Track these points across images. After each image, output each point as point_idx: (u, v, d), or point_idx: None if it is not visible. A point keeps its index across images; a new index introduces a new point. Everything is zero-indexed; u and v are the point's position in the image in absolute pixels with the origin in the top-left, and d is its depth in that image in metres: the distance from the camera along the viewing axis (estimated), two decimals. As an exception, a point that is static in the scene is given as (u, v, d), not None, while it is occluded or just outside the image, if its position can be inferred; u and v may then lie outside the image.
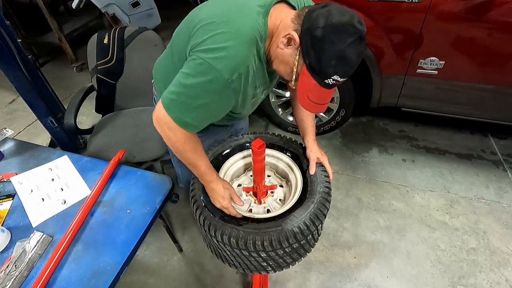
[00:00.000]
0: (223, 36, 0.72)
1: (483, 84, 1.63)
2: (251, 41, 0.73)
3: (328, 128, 2.22)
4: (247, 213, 0.94)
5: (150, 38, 1.76)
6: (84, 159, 1.27)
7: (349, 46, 0.65)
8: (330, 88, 0.74)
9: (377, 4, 1.52)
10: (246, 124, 1.44)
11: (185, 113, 0.77)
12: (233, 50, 0.71)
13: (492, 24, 1.42)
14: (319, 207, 0.89)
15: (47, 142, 2.38)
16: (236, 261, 0.93)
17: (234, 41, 0.72)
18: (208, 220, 0.88)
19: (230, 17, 0.75)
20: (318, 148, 1.06)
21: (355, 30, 0.65)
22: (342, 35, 0.65)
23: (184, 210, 1.88)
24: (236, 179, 1.15)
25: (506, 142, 2.16)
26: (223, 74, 0.71)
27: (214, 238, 0.87)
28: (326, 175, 1.00)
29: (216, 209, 0.91)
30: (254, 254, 0.85)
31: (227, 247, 0.87)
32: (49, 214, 1.07)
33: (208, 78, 0.72)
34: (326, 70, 0.69)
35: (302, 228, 0.84)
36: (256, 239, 0.82)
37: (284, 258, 0.90)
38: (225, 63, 0.71)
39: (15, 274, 0.89)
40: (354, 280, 1.52)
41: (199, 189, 0.96)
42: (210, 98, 0.76)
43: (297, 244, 0.87)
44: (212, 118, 0.84)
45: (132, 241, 0.98)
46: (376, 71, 1.76)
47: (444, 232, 1.68)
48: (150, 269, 1.62)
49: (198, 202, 0.93)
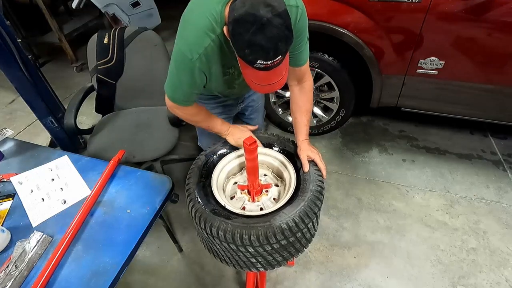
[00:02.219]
0: (185, 24, 0.90)
1: (483, 84, 1.63)
2: (206, 26, 0.85)
3: (328, 128, 2.22)
4: (240, 210, 0.96)
5: (150, 38, 1.76)
6: (84, 159, 1.27)
7: (253, 34, 0.70)
8: (267, 70, 0.77)
9: (377, 4, 1.52)
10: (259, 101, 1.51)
11: (175, 92, 0.99)
12: (191, 34, 0.88)
13: (492, 24, 1.42)
14: (309, 205, 0.90)
15: (47, 142, 2.38)
16: (226, 256, 0.95)
17: (192, 27, 0.88)
18: (199, 212, 0.91)
19: (194, 8, 0.90)
20: (308, 146, 1.07)
21: (255, 19, 0.69)
22: (244, 26, 0.71)
23: (184, 210, 1.88)
24: (233, 177, 1.17)
25: (506, 142, 2.16)
26: (186, 54, 0.88)
27: (204, 230, 0.90)
28: (319, 174, 1.01)
29: (208, 202, 0.94)
30: (242, 248, 0.87)
31: (216, 240, 0.89)
32: (49, 214, 1.07)
33: (178, 60, 0.92)
34: (247, 58, 0.75)
35: (290, 224, 0.85)
36: (243, 233, 0.84)
37: (273, 255, 0.90)
38: (185, 46, 0.88)
39: (15, 274, 0.89)
40: (354, 280, 1.52)
41: (194, 183, 1.00)
42: (184, 76, 0.94)
43: (286, 241, 0.87)
44: (194, 92, 1.01)
45: (132, 241, 0.98)
46: (376, 71, 1.76)
47: (444, 232, 1.68)
48: (150, 269, 1.62)
49: (192, 195, 0.97)
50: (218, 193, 1.01)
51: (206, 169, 1.07)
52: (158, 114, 1.82)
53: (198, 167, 1.06)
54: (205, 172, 1.06)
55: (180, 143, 2.36)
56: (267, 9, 0.69)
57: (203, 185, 1.01)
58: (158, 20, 3.33)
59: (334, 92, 1.99)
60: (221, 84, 1.06)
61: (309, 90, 1.11)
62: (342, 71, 1.88)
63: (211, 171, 1.07)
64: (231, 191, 1.14)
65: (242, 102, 1.40)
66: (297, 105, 1.12)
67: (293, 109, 1.14)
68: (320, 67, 1.89)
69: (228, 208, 0.94)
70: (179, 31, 0.91)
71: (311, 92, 1.13)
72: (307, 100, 1.12)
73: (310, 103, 1.13)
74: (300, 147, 1.07)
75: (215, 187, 1.03)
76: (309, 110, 1.12)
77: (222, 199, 0.98)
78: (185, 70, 0.92)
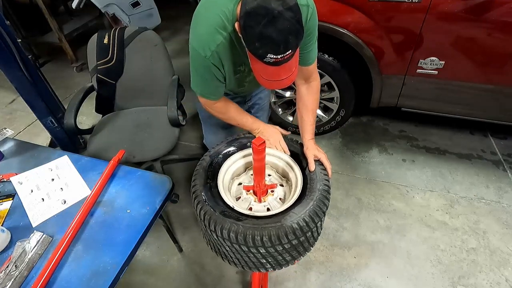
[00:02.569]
0: (197, 21, 0.92)
1: (483, 84, 1.63)
2: (217, 24, 0.87)
3: (328, 128, 2.22)
4: (247, 211, 0.95)
5: (150, 38, 1.76)
6: (84, 159, 1.27)
7: (264, 27, 0.71)
8: (277, 65, 0.78)
9: (377, 4, 1.52)
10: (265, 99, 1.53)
11: (202, 87, 1.04)
12: (203, 32, 0.90)
13: (492, 24, 1.42)
14: (318, 204, 0.90)
15: (47, 142, 2.37)
16: (236, 258, 0.94)
17: (204, 24, 0.90)
18: (208, 214, 0.89)
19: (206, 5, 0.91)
20: (315, 145, 1.08)
21: (267, 11, 0.70)
22: (255, 19, 0.72)
23: (184, 210, 1.88)
24: (237, 178, 1.16)
25: (506, 142, 2.16)
26: (200, 52, 0.91)
27: (214, 233, 0.88)
28: (325, 173, 1.01)
29: (217, 204, 0.93)
30: (253, 249, 0.86)
31: (227, 242, 0.87)
32: (49, 214, 1.07)
33: (194, 57, 0.95)
34: (257, 52, 0.76)
35: (301, 224, 0.85)
36: (255, 234, 0.83)
37: (283, 255, 0.90)
38: (198, 44, 0.91)
39: (15, 274, 0.89)
40: (354, 280, 1.52)
41: (200, 185, 0.98)
42: (204, 72, 0.97)
43: (296, 241, 0.87)
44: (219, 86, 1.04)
45: (132, 241, 0.97)
46: (376, 71, 1.76)
47: (444, 232, 1.68)
48: (150, 269, 1.62)
49: (199, 197, 0.95)
50: (225, 194, 1.00)
51: (212, 170, 1.06)
52: (158, 114, 1.82)
53: (204, 168, 1.05)
54: (210, 173, 1.04)
55: (180, 143, 2.36)
56: (279, 3, 0.71)
57: (209, 187, 1.00)
58: (158, 20, 3.33)
59: (334, 92, 1.99)
60: (233, 82, 1.08)
61: (317, 90, 1.12)
62: (342, 71, 1.88)
63: (216, 172, 1.06)
64: (236, 192, 1.13)
65: (250, 99, 1.42)
66: (304, 104, 1.12)
67: (300, 108, 1.15)
68: (320, 67, 1.89)
69: (237, 209, 0.93)
70: (192, 27, 0.93)
71: (318, 92, 1.14)
72: (314, 100, 1.12)
73: (317, 102, 1.14)
74: (307, 146, 1.07)
75: (222, 188, 1.01)
76: (315, 109, 1.13)
77: (230, 201, 0.97)
78: (203, 67, 0.95)
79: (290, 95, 2.14)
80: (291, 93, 2.13)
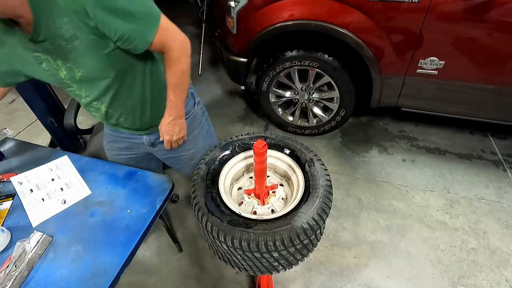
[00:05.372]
0: None
1: (483, 84, 1.63)
2: None
3: (328, 128, 2.22)
4: (253, 215, 0.93)
5: (150, 38, 1.76)
6: (84, 159, 1.27)
7: None
8: None
9: (377, 4, 1.52)
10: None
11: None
12: None
13: (492, 24, 1.42)
14: (324, 200, 0.89)
15: (47, 142, 2.37)
16: (247, 264, 0.91)
17: None
18: (215, 226, 0.86)
19: None
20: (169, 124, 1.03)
21: None
22: None
23: (184, 210, 1.88)
24: (236, 183, 1.14)
25: (506, 142, 2.16)
26: None
27: (224, 243, 0.85)
28: (325, 168, 0.99)
29: (223, 214, 0.89)
30: (266, 255, 0.84)
31: (238, 251, 0.85)
32: (49, 214, 1.07)
33: None
34: None
35: (311, 223, 0.84)
36: (267, 239, 0.81)
37: (294, 255, 0.89)
38: None
39: (15, 274, 0.89)
40: (354, 280, 1.52)
41: (202, 195, 0.94)
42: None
43: (307, 240, 0.86)
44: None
45: (132, 241, 0.97)
46: (376, 71, 1.76)
47: (444, 232, 1.68)
48: (150, 269, 1.62)
49: (203, 209, 0.91)
50: (229, 201, 0.96)
51: (210, 178, 1.00)
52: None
53: (202, 178, 0.99)
54: (209, 181, 0.99)
55: (180, 143, 2.36)
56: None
57: (212, 196, 0.95)
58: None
59: (334, 92, 1.99)
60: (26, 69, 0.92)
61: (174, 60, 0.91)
62: (342, 71, 1.88)
63: (215, 179, 1.01)
64: (238, 197, 1.10)
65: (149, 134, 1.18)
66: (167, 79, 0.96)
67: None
68: (320, 67, 1.89)
69: (245, 215, 0.90)
70: None
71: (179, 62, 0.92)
72: (173, 73, 0.94)
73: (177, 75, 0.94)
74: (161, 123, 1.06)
75: (224, 195, 0.97)
76: (174, 83, 0.96)
77: (235, 207, 0.94)
78: None
79: (290, 95, 2.14)
80: (291, 93, 2.13)
